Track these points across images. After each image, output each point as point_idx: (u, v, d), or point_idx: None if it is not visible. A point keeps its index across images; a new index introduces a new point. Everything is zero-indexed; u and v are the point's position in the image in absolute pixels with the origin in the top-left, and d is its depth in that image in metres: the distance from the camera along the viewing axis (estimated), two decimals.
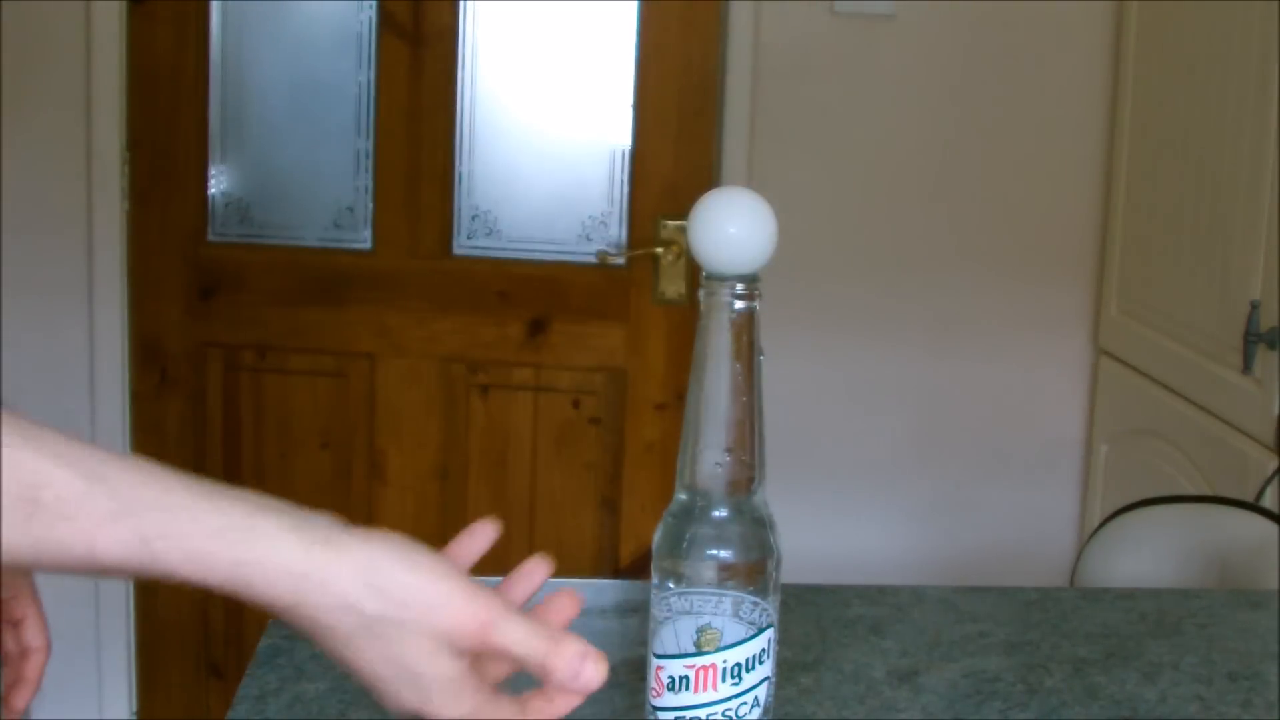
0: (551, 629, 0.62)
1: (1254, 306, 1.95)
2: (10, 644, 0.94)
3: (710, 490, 0.67)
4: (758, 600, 0.67)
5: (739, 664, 0.67)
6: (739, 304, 0.67)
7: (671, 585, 0.68)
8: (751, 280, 0.67)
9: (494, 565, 2.36)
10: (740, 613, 0.67)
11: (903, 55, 2.52)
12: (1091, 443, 2.60)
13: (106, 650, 2.53)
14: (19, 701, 0.95)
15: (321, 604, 0.58)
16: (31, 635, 0.94)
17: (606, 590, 1.25)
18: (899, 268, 2.57)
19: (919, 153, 2.55)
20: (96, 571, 0.58)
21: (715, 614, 0.67)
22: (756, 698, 0.68)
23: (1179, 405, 2.22)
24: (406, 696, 0.61)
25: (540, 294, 2.50)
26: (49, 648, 0.94)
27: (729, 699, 0.67)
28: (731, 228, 0.68)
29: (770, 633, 0.68)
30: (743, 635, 0.67)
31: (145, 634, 2.58)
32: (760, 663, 0.68)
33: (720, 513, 0.67)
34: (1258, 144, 1.97)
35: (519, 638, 0.61)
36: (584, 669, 0.61)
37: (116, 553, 0.56)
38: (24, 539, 0.56)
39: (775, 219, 0.68)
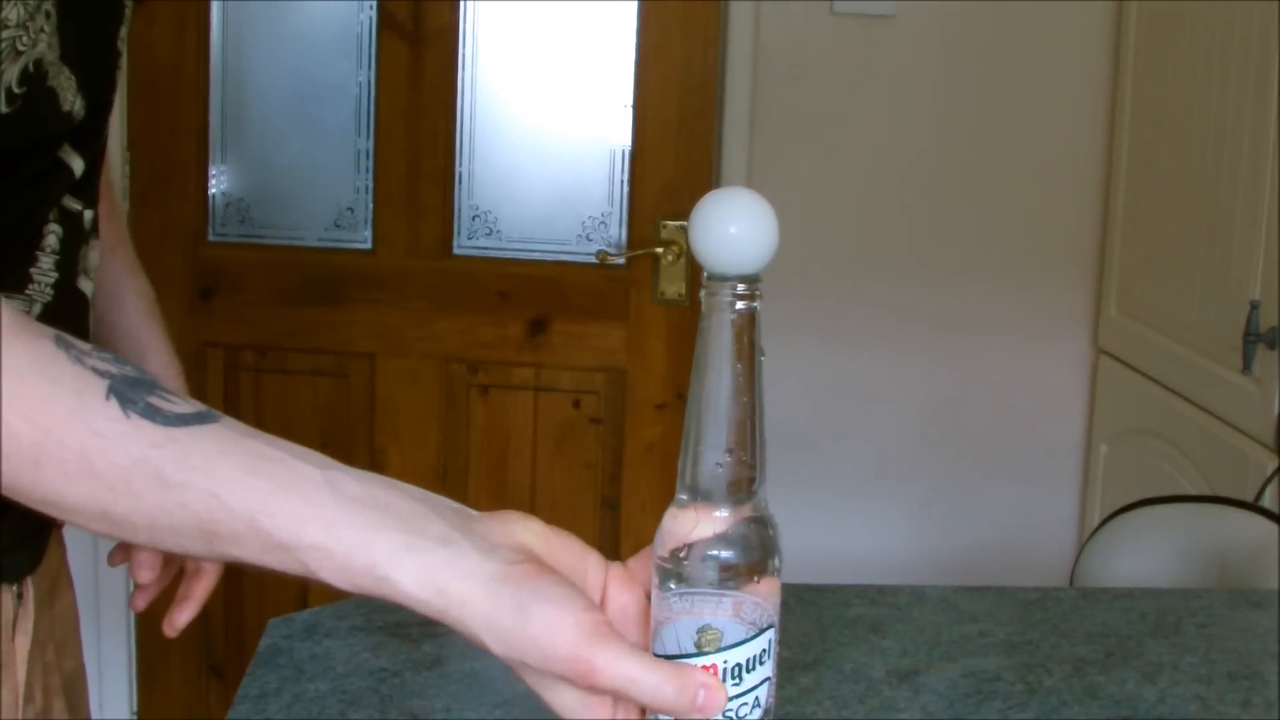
0: (663, 663, 0.63)
1: (1254, 306, 1.95)
2: (189, 562, 1.00)
3: (711, 490, 0.67)
4: (759, 600, 0.67)
5: (740, 664, 0.67)
6: (740, 304, 0.66)
7: (672, 586, 0.67)
8: (753, 280, 0.67)
9: None
10: (741, 613, 0.67)
11: (903, 55, 2.52)
12: (1091, 443, 2.60)
13: (106, 650, 2.54)
14: (180, 618, 1.01)
15: (461, 631, 0.63)
16: None
17: None
18: (898, 268, 2.57)
19: (918, 153, 2.55)
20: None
21: (716, 614, 0.67)
22: (758, 698, 0.67)
23: (1179, 405, 2.22)
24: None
25: (540, 294, 2.50)
26: (219, 572, 1.00)
27: (730, 699, 0.67)
28: (733, 227, 0.67)
29: (771, 633, 0.68)
30: (743, 635, 0.67)
31: (145, 634, 2.58)
32: (761, 663, 0.67)
33: (721, 513, 0.67)
34: (1258, 144, 1.97)
35: (629, 676, 0.61)
36: (699, 699, 0.61)
37: (285, 569, 0.63)
38: (209, 553, 0.63)
39: (777, 219, 0.68)
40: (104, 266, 1.05)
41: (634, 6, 2.43)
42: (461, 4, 2.44)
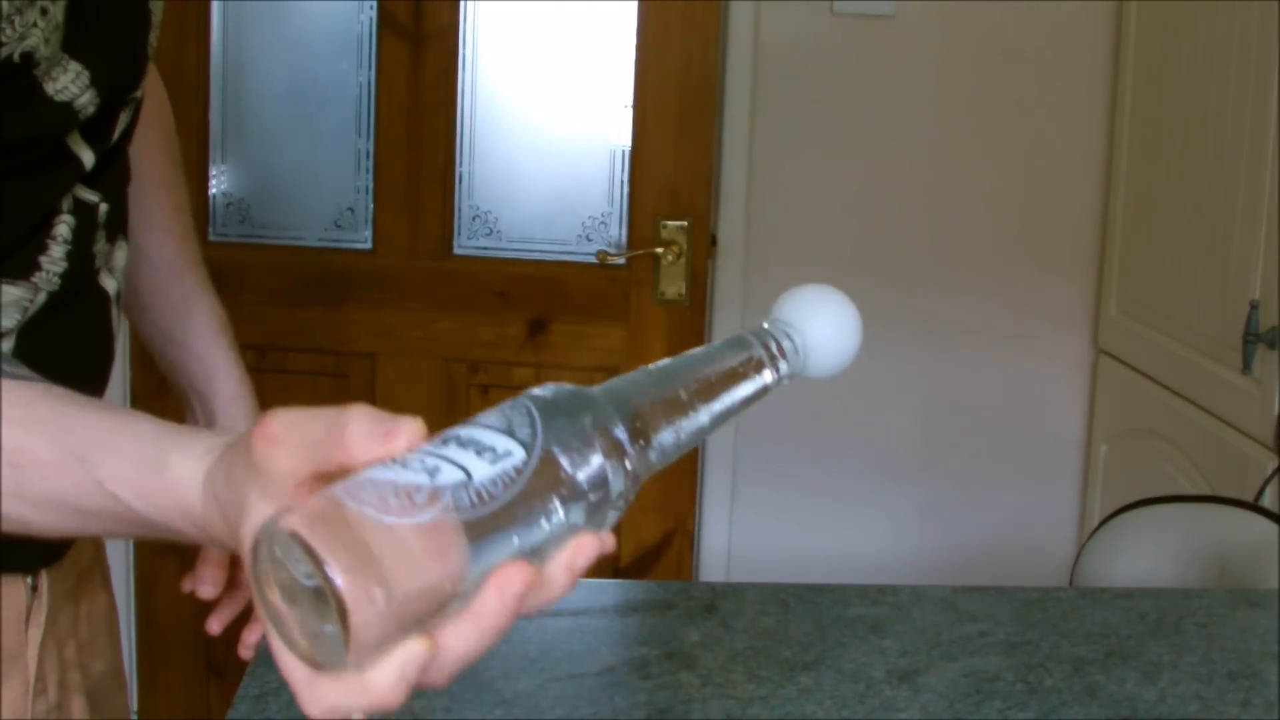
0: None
1: (1254, 306, 1.95)
2: None
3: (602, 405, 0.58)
4: (537, 440, 0.55)
5: (458, 437, 0.54)
6: (769, 373, 0.65)
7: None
8: (797, 374, 0.66)
9: None
10: (514, 424, 0.55)
11: (903, 55, 2.52)
12: (1091, 443, 2.60)
13: None
14: (251, 638, 1.02)
15: (213, 516, 0.57)
16: None
17: (607, 590, 1.25)
18: (898, 268, 2.57)
19: (918, 153, 2.55)
20: (95, 524, 0.61)
21: (491, 415, 0.56)
22: (435, 470, 0.52)
23: (1179, 405, 2.22)
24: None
25: (540, 294, 2.50)
26: None
27: (419, 453, 0.53)
28: (849, 340, 0.68)
29: (516, 456, 0.54)
30: (493, 425, 0.55)
31: (145, 634, 2.58)
32: (479, 454, 0.53)
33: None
34: (1258, 144, 1.97)
35: (301, 419, 0.53)
36: (384, 425, 0.52)
37: (81, 498, 0.60)
38: (15, 504, 0.61)
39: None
40: (174, 286, 1.06)
41: (634, 6, 2.43)
42: (461, 4, 2.44)
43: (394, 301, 2.51)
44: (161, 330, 1.08)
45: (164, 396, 1.10)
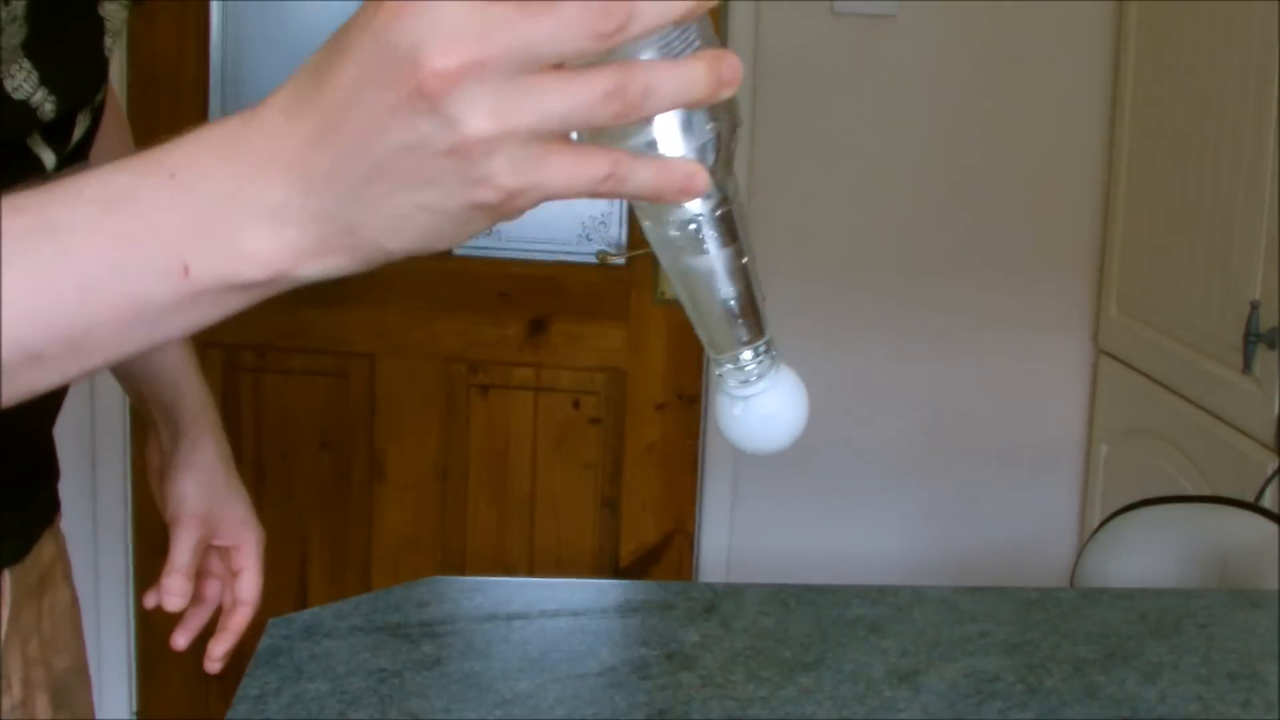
0: None
1: (1254, 306, 1.95)
2: (226, 595, 1.01)
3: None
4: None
5: None
6: (737, 358, 0.64)
7: None
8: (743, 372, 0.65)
9: (495, 565, 2.38)
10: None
11: (903, 55, 2.52)
12: (1091, 443, 2.60)
13: (106, 650, 2.54)
14: (217, 650, 1.02)
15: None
16: (245, 588, 1.02)
17: (607, 590, 1.25)
18: (899, 268, 2.57)
19: (919, 153, 2.55)
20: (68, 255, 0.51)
21: None
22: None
23: (1179, 405, 2.22)
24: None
25: (540, 294, 2.50)
26: (258, 603, 1.01)
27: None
28: (773, 436, 0.66)
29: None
30: None
31: (145, 634, 2.58)
32: None
33: None
34: (1258, 144, 1.97)
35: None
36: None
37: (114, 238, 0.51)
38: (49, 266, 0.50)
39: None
40: None
41: None
42: None
43: (394, 301, 2.51)
44: None
45: None
